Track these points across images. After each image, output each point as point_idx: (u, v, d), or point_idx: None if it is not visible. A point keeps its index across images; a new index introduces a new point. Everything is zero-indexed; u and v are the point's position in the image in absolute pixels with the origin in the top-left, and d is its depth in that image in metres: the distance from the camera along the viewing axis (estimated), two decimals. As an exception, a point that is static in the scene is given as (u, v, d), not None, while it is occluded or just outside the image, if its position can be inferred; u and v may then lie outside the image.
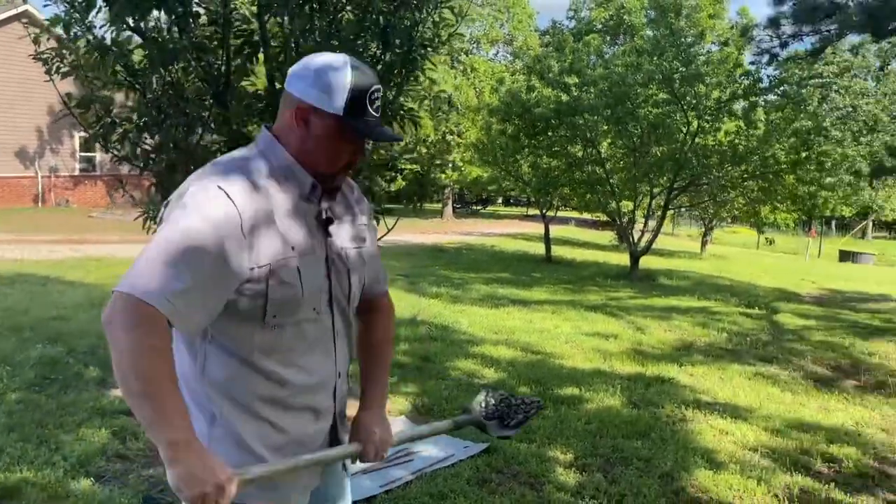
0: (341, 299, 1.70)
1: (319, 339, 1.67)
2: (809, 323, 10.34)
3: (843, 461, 4.63)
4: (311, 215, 1.63)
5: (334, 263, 1.67)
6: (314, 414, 1.70)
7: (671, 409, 5.48)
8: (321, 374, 1.68)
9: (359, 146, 1.64)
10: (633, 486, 3.93)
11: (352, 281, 1.72)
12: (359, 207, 1.79)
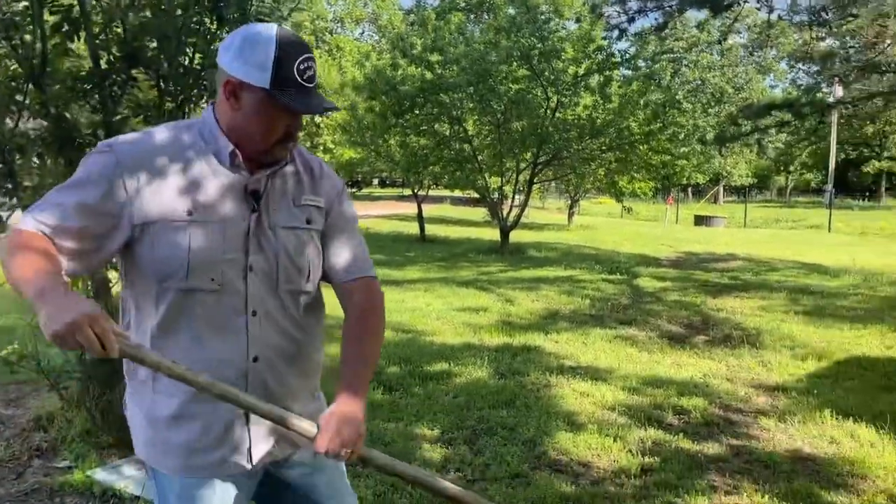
0: (270, 277, 1.64)
1: (223, 314, 1.60)
2: (666, 285, 10.96)
3: (691, 412, 4.92)
4: (235, 185, 1.61)
5: (259, 238, 1.62)
6: None
7: (536, 376, 5.64)
8: (223, 353, 1.61)
9: (293, 118, 1.59)
10: (497, 456, 4.00)
11: (280, 261, 1.64)
12: (315, 188, 1.73)
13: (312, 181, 1.74)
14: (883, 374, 5.95)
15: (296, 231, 1.67)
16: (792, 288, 10.46)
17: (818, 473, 3.96)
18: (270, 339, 1.65)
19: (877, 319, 8.11)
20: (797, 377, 5.94)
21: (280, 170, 1.67)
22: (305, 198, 1.70)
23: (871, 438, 4.46)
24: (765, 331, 7.56)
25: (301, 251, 1.68)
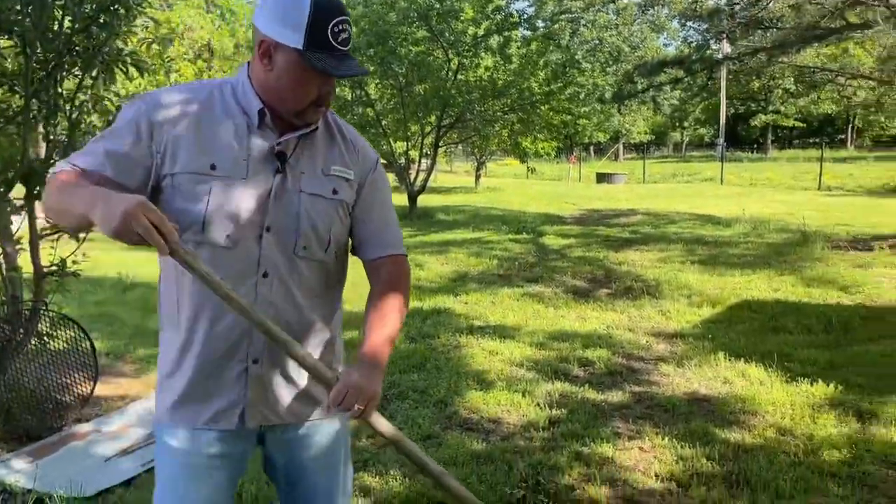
0: (287, 241, 1.62)
1: (234, 272, 1.60)
2: (570, 242, 11.24)
3: (596, 363, 5.09)
4: (262, 145, 1.62)
5: (281, 200, 1.61)
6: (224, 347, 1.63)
7: (446, 338, 5.68)
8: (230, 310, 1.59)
9: (326, 81, 1.59)
10: (408, 419, 4.02)
11: (301, 225, 1.63)
12: (347, 159, 1.72)
13: (345, 151, 1.73)
14: (771, 316, 6.32)
15: (321, 199, 1.66)
16: (688, 239, 10.92)
17: (713, 413, 4.18)
18: (279, 302, 1.64)
19: (765, 265, 8.59)
20: (693, 323, 6.23)
21: (310, 134, 1.66)
22: (335, 168, 1.69)
23: (761, 377, 4.73)
24: (663, 281, 7.87)
25: (324, 220, 1.67)
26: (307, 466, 1.79)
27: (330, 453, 1.82)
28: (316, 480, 1.81)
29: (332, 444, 1.81)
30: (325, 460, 1.81)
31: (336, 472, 1.84)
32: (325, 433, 1.79)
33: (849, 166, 28.77)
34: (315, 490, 1.81)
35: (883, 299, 6.83)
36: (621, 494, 3.22)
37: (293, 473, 1.79)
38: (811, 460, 3.53)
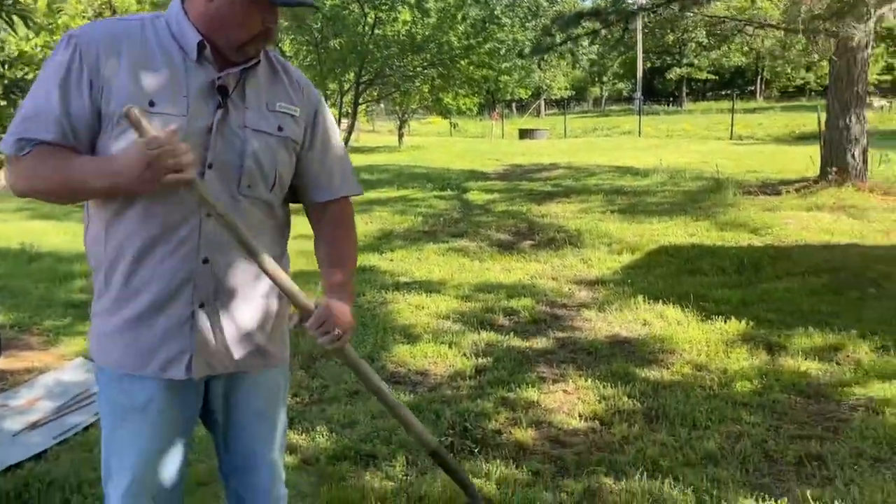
0: (230, 178, 1.58)
1: (177, 211, 1.55)
2: (494, 197, 11.29)
3: (520, 312, 5.15)
4: (201, 80, 1.56)
5: (224, 136, 1.57)
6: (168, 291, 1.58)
7: (372, 295, 5.64)
8: (174, 251, 1.56)
9: (269, 11, 1.54)
10: (334, 376, 3.98)
11: (245, 162, 1.59)
12: (293, 94, 1.69)
13: (289, 88, 1.69)
14: (687, 260, 6.53)
15: (266, 136, 1.62)
16: (608, 190, 11.14)
17: (633, 354, 4.30)
18: (224, 243, 1.59)
19: (681, 212, 8.85)
20: (614, 270, 6.38)
21: (252, 69, 1.61)
22: (281, 104, 1.66)
23: (678, 317, 4.90)
24: (585, 231, 8.02)
25: (269, 157, 1.63)
26: (248, 416, 1.77)
27: (271, 403, 1.80)
28: (255, 430, 1.79)
29: (273, 394, 1.80)
30: (265, 410, 1.79)
31: (275, 421, 1.83)
32: (268, 383, 1.78)
33: (758, 116, 29.87)
34: (254, 439, 1.79)
35: (790, 239, 7.15)
36: (546, 435, 3.28)
37: (233, 423, 1.77)
38: (725, 392, 3.68)
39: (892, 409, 3.40)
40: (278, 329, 1.78)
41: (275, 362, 1.77)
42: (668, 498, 2.71)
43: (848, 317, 4.77)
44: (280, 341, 1.80)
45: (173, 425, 1.67)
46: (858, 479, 2.81)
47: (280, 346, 1.80)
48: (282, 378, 1.83)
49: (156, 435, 1.65)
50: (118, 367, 1.64)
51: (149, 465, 1.66)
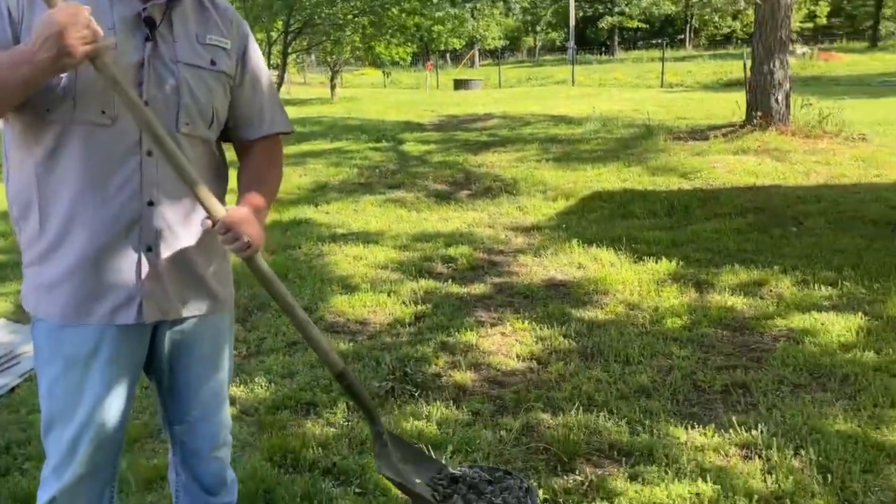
0: (167, 115, 1.54)
1: (115, 152, 1.51)
2: (430, 147, 11.22)
3: (458, 260, 5.18)
4: (126, 11, 1.51)
5: (157, 71, 1.53)
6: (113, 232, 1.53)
7: (308, 247, 5.57)
8: (115, 194, 1.52)
9: None
10: (272, 328, 3.94)
11: (182, 98, 1.55)
12: (223, 27, 1.65)
13: (219, 21, 1.65)
14: (619, 204, 6.66)
15: (199, 70, 1.59)
16: (543, 139, 11.19)
17: (569, 295, 4.39)
18: (167, 184, 1.56)
19: (614, 158, 8.98)
20: (549, 216, 6.46)
21: (178, 0, 1.57)
22: (211, 37, 1.62)
23: (611, 259, 5.01)
24: (520, 179, 8.07)
25: (205, 92, 1.60)
26: (194, 361, 1.75)
27: (217, 348, 1.79)
28: (202, 376, 1.77)
29: (219, 339, 1.79)
30: (211, 355, 1.78)
31: (221, 367, 1.81)
32: (214, 328, 1.76)
33: (687, 64, 30.37)
34: (200, 385, 1.77)
35: (717, 182, 7.36)
36: (485, 377, 3.34)
37: (179, 369, 1.75)
38: (656, 329, 3.80)
39: (811, 339, 3.58)
40: (225, 271, 1.77)
41: (223, 306, 1.75)
42: (603, 429, 2.81)
43: (771, 254, 4.97)
44: (227, 284, 1.78)
45: (120, 373, 1.63)
46: (780, 404, 2.96)
47: (228, 288, 1.78)
48: (227, 323, 1.81)
49: (103, 383, 1.61)
50: (60, 318, 1.58)
51: (95, 414, 1.61)
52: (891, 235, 5.27)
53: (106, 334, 1.58)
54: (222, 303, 1.76)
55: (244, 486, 2.40)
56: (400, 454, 1.87)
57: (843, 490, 2.39)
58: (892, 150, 8.42)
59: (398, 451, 1.88)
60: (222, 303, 1.76)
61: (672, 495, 2.38)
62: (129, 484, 2.52)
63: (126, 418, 1.69)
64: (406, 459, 1.88)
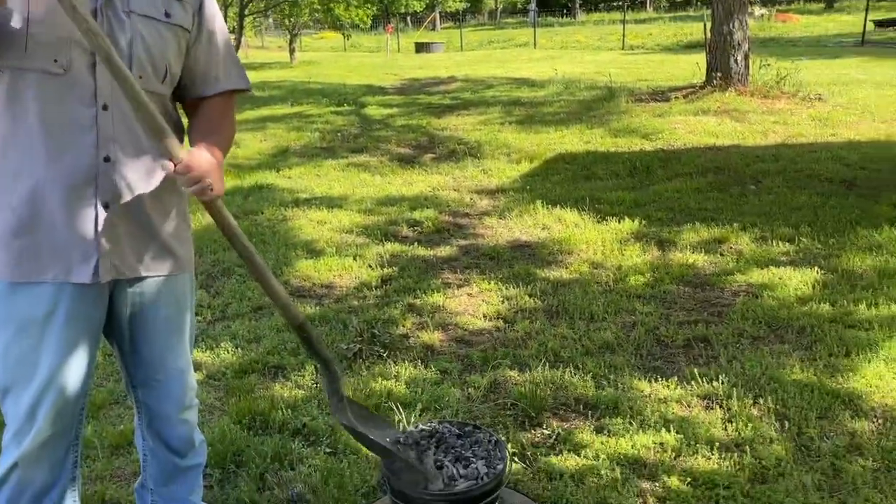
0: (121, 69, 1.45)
1: (69, 105, 1.46)
2: (393, 111, 11.10)
3: (424, 223, 5.17)
4: None
5: (109, 21, 1.48)
6: (68, 188, 1.49)
7: (271, 212, 5.50)
8: (70, 148, 1.48)
9: None
10: (236, 293, 3.90)
11: (135, 50, 1.51)
12: None
13: None
14: (582, 166, 6.69)
15: (153, 21, 1.55)
16: (505, 102, 11.14)
17: (534, 256, 4.42)
18: (123, 139, 1.53)
19: (577, 120, 8.99)
20: (513, 178, 6.47)
21: None
22: None
23: (575, 220, 5.04)
24: (484, 142, 8.04)
25: (159, 45, 1.56)
26: (156, 323, 1.72)
27: (178, 309, 1.76)
28: (164, 337, 1.75)
29: (180, 300, 1.76)
30: (173, 316, 1.75)
31: (183, 328, 1.79)
32: (175, 289, 1.73)
33: (648, 26, 30.38)
34: (163, 347, 1.76)
35: (678, 143, 7.43)
36: (453, 336, 3.36)
37: (140, 330, 1.72)
38: (620, 286, 3.86)
39: (769, 293, 3.67)
40: (184, 231, 1.74)
41: (182, 266, 1.73)
42: (569, 384, 2.86)
43: (731, 212, 5.06)
44: (187, 244, 1.76)
45: (79, 334, 1.60)
46: (740, 356, 3.04)
47: (187, 249, 1.76)
48: (188, 284, 1.79)
49: (61, 345, 1.57)
50: (12, 277, 1.53)
51: (55, 378, 1.58)
52: (845, 193, 5.40)
53: (62, 294, 1.55)
54: (182, 263, 1.73)
55: (213, 449, 2.40)
56: (358, 414, 1.88)
57: (800, 436, 2.48)
58: (846, 110, 8.58)
59: (357, 410, 1.88)
60: (182, 263, 1.73)
61: (637, 446, 2.45)
62: (96, 450, 2.49)
63: (87, 382, 1.67)
64: (365, 420, 1.88)
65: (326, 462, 2.39)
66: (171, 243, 1.69)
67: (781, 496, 2.17)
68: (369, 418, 1.93)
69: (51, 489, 1.69)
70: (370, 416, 1.96)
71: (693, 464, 2.34)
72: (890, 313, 3.34)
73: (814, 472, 2.29)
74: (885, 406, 2.62)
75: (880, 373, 2.84)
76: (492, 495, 1.82)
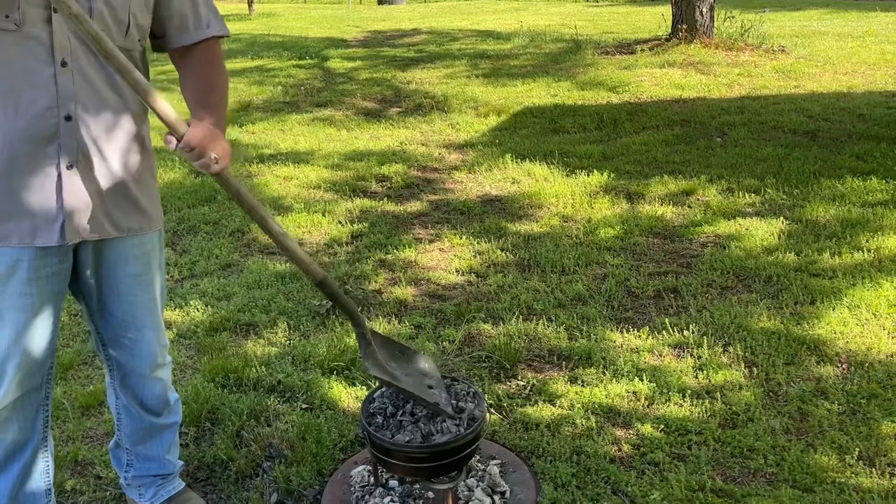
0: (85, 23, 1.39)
1: (25, 62, 1.40)
2: (357, 64, 10.87)
3: (393, 178, 5.11)
4: None
5: None
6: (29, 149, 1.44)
7: (235, 169, 5.38)
8: (29, 107, 1.42)
9: None
10: (204, 251, 3.83)
11: (95, 6, 1.43)
12: None
13: None
14: (550, 119, 6.66)
15: None
16: (471, 54, 11.00)
17: (504, 210, 4.41)
18: (85, 97, 1.47)
19: (543, 73, 8.92)
20: (482, 132, 6.42)
21: None
22: None
23: (544, 173, 5.03)
24: (451, 96, 7.94)
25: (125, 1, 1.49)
26: (124, 280, 1.69)
27: (147, 267, 1.73)
28: (133, 295, 1.72)
29: (148, 257, 1.72)
30: (141, 274, 1.72)
31: (152, 285, 1.76)
32: (143, 246, 1.70)
33: (613, -22, 30.11)
34: (133, 305, 1.72)
35: (645, 96, 7.43)
36: (426, 291, 3.36)
37: (108, 288, 1.69)
38: (590, 239, 3.88)
39: (736, 244, 3.72)
40: (152, 187, 1.70)
41: (151, 224, 1.69)
42: (543, 336, 2.88)
43: (697, 164, 5.10)
44: (155, 201, 1.72)
45: (42, 295, 1.56)
46: (709, 306, 3.09)
47: (156, 206, 1.72)
48: (156, 242, 1.75)
49: (24, 306, 1.54)
50: None
51: (19, 340, 1.55)
52: (808, 144, 5.47)
53: (24, 255, 1.51)
54: (150, 221, 1.69)
55: (187, 407, 2.38)
56: (386, 352, 1.89)
57: (768, 381, 2.54)
58: (809, 62, 8.65)
59: (384, 350, 1.89)
60: (150, 221, 1.69)
61: (610, 395, 2.48)
62: (66, 411, 2.45)
63: (53, 342, 1.64)
64: (392, 357, 1.90)
65: (303, 417, 2.38)
66: (141, 201, 1.64)
67: (751, 440, 2.23)
68: (395, 351, 1.94)
69: (23, 449, 1.66)
70: (396, 346, 1.96)
71: (665, 411, 2.39)
72: (853, 261, 3.42)
73: (781, 416, 2.35)
74: (850, 351, 2.70)
75: (844, 319, 2.91)
76: (471, 446, 1.84)
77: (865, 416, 2.33)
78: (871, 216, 3.94)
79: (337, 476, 2.10)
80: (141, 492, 1.97)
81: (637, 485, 2.07)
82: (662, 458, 2.17)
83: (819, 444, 2.21)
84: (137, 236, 1.67)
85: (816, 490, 2.02)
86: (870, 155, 5.03)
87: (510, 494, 2.00)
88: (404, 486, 1.99)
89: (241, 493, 2.10)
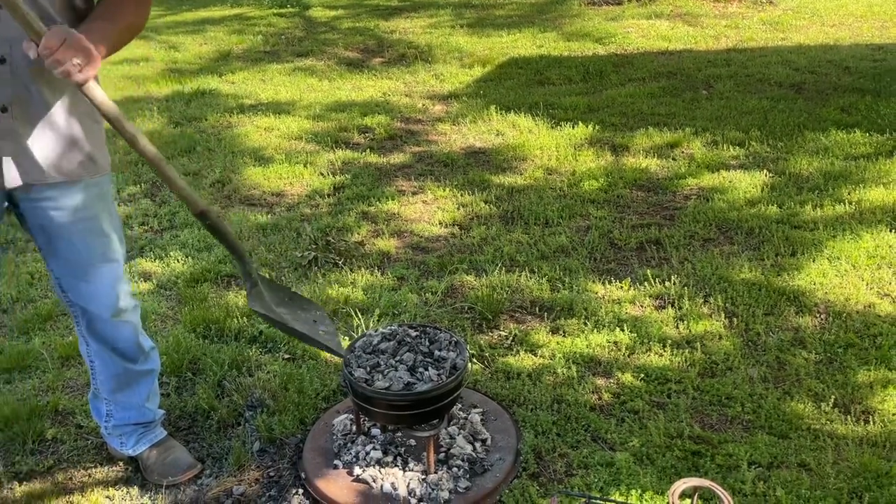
0: None
1: None
2: (338, 13, 10.64)
3: (375, 129, 5.04)
4: None
5: None
6: None
7: (215, 119, 5.29)
8: None
9: None
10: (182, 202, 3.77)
11: None
12: None
13: None
14: (535, 71, 6.57)
15: None
16: (456, 4, 10.78)
17: (489, 162, 4.38)
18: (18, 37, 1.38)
19: (529, 24, 8.77)
20: (466, 83, 6.32)
21: None
22: None
23: (529, 125, 4.98)
24: (435, 46, 7.80)
25: None
26: (67, 228, 1.66)
27: (91, 216, 1.69)
28: (78, 243, 1.69)
29: (92, 206, 1.68)
30: (85, 223, 1.68)
31: (104, 230, 1.73)
32: (90, 190, 1.66)
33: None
34: (79, 252, 1.70)
35: (631, 48, 7.34)
36: (409, 243, 3.34)
37: (53, 236, 1.67)
38: (574, 191, 3.86)
39: (719, 196, 3.72)
40: (96, 132, 1.65)
41: (96, 169, 1.65)
42: (525, 288, 2.88)
43: (683, 117, 5.06)
44: (100, 145, 1.67)
45: None
46: (691, 258, 3.10)
47: (102, 151, 1.67)
48: (105, 186, 1.71)
49: None
50: None
51: None
52: (794, 97, 5.44)
53: None
54: (97, 165, 1.65)
55: (168, 358, 2.36)
56: (275, 297, 1.85)
57: (748, 331, 2.56)
58: (796, 14, 8.57)
59: (273, 294, 1.86)
60: (97, 165, 1.65)
61: (592, 345, 2.50)
62: (45, 361, 2.43)
63: None
64: (281, 303, 1.86)
65: (285, 368, 2.38)
66: (83, 145, 1.60)
67: (729, 388, 2.26)
68: (290, 300, 1.90)
69: None
70: (292, 297, 1.93)
71: (646, 360, 2.41)
72: (834, 214, 3.43)
73: (760, 365, 2.38)
74: (828, 302, 2.73)
75: (824, 270, 2.93)
76: (453, 394, 1.85)
77: (842, 364, 2.37)
78: (853, 169, 3.94)
79: (319, 425, 2.11)
80: (122, 440, 1.97)
81: (616, 432, 2.10)
82: (642, 406, 2.20)
83: (796, 392, 2.25)
84: (86, 181, 1.63)
85: (792, 436, 2.06)
86: (854, 108, 5.01)
87: (491, 441, 2.02)
88: (386, 434, 2.00)
89: (223, 442, 2.11)
